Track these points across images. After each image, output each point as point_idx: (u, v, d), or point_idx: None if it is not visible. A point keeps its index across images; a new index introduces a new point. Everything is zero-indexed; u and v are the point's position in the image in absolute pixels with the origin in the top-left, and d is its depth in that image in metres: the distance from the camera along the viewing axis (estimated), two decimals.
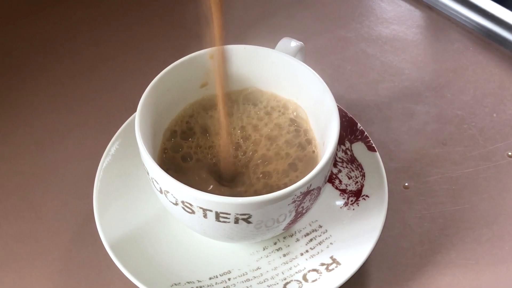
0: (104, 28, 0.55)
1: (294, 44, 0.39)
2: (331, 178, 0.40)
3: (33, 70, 0.51)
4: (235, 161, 0.37)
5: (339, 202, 0.40)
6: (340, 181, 0.40)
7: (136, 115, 0.34)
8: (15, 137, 0.46)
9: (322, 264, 0.36)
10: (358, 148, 0.41)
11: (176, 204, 0.32)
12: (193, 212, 0.32)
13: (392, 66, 0.52)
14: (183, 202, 0.32)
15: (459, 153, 0.45)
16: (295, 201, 0.32)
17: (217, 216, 0.32)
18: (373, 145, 0.41)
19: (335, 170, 0.41)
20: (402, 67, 0.52)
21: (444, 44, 0.54)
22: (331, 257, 0.37)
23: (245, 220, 0.32)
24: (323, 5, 0.58)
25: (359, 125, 0.42)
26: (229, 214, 0.31)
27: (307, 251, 0.37)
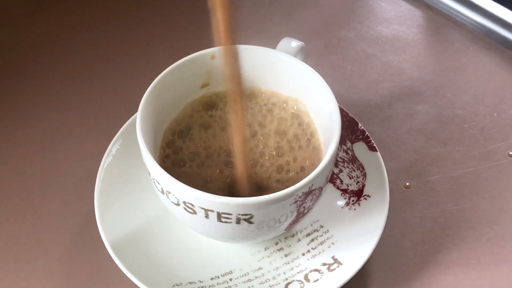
0: (104, 28, 0.55)
1: (295, 44, 0.39)
2: (332, 178, 0.40)
3: (33, 71, 0.51)
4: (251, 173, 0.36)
5: (340, 202, 0.40)
6: (341, 181, 0.40)
7: (137, 116, 0.34)
8: (16, 138, 0.46)
9: (324, 264, 0.36)
10: (359, 148, 0.41)
11: (177, 204, 0.32)
12: (194, 212, 0.32)
13: (393, 66, 0.52)
14: (184, 202, 0.32)
15: (460, 153, 0.45)
16: (297, 201, 0.32)
17: (219, 216, 0.32)
18: (374, 145, 0.41)
19: (336, 170, 0.41)
20: (402, 67, 0.52)
21: (445, 44, 0.54)
22: (333, 257, 0.37)
23: (246, 220, 0.32)
24: (323, 5, 0.58)
25: (360, 125, 0.42)
26: (231, 214, 0.31)
27: (308, 251, 0.37)
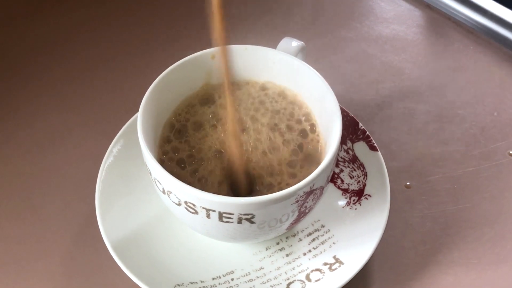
0: (104, 28, 0.55)
1: (295, 44, 0.39)
2: (333, 178, 0.40)
3: (33, 71, 0.51)
4: (244, 164, 0.36)
5: (341, 201, 0.40)
6: (342, 181, 0.40)
7: (138, 116, 0.34)
8: (16, 138, 0.46)
9: (325, 264, 0.36)
10: (360, 148, 0.41)
11: (179, 204, 0.32)
12: (196, 212, 0.32)
13: (393, 65, 0.52)
14: (186, 202, 0.32)
15: (460, 153, 0.45)
16: (298, 201, 0.32)
17: (220, 216, 0.32)
18: (375, 145, 0.41)
19: (337, 170, 0.41)
20: (402, 67, 0.52)
21: (444, 44, 0.54)
22: (334, 257, 0.37)
23: (248, 220, 0.32)
24: (323, 5, 0.58)
25: (360, 124, 0.42)
26: (232, 214, 0.31)
27: (310, 250, 0.37)
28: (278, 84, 0.39)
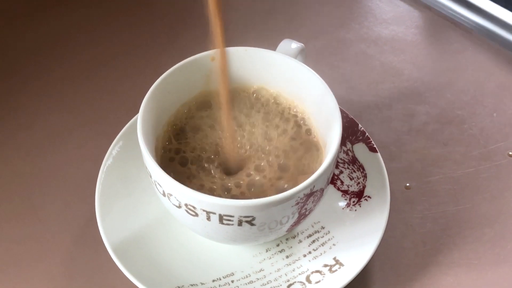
0: (104, 29, 0.55)
1: (295, 45, 0.39)
2: (333, 179, 0.40)
3: (33, 72, 0.51)
4: (239, 159, 0.36)
5: (341, 203, 0.40)
6: (342, 182, 0.40)
7: (138, 118, 0.34)
8: (16, 139, 0.46)
9: (325, 265, 0.36)
10: (360, 149, 0.41)
11: (179, 207, 0.32)
12: (196, 214, 0.32)
13: (392, 66, 0.52)
14: (186, 205, 0.32)
15: (460, 153, 0.45)
16: (299, 203, 0.32)
17: (221, 218, 0.32)
18: (375, 146, 0.41)
19: (336, 171, 0.41)
20: (401, 68, 0.52)
21: (444, 44, 0.55)
22: (334, 258, 0.37)
23: (248, 222, 0.32)
24: (322, 6, 0.58)
25: (360, 126, 0.42)
26: (233, 216, 0.31)
27: (310, 252, 0.37)
28: (278, 85, 0.39)
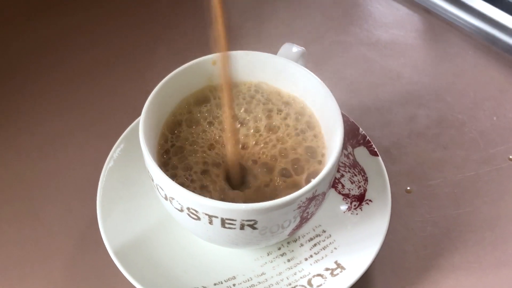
0: (105, 32, 0.55)
1: (296, 49, 0.39)
2: (334, 183, 0.40)
3: (33, 75, 0.51)
4: (243, 163, 0.36)
5: (342, 206, 0.40)
6: (343, 186, 0.41)
7: (140, 123, 0.34)
8: (16, 143, 0.46)
9: (327, 269, 0.36)
10: (360, 153, 0.41)
11: (181, 210, 0.32)
12: (198, 218, 0.32)
13: (392, 70, 0.52)
14: (188, 208, 0.32)
15: (461, 157, 0.45)
16: (301, 207, 0.32)
17: (223, 222, 0.32)
18: (375, 150, 0.41)
19: (337, 175, 0.41)
20: (402, 71, 0.52)
21: (443, 48, 0.55)
22: (336, 262, 0.37)
23: (250, 226, 0.32)
24: (322, 10, 0.58)
25: (361, 129, 0.42)
26: (235, 220, 0.31)
27: (311, 256, 0.38)
28: (278, 87, 0.39)
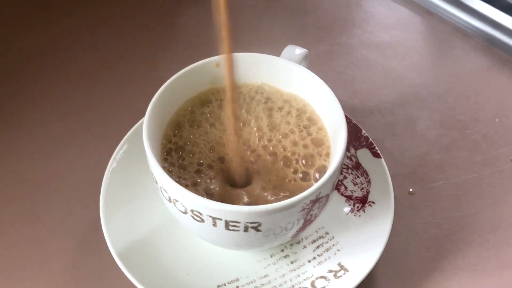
0: (107, 33, 0.55)
1: (299, 51, 0.39)
2: (337, 185, 0.40)
3: (34, 77, 0.51)
4: (247, 166, 0.36)
5: (345, 208, 0.40)
6: (346, 188, 0.41)
7: (144, 125, 0.34)
8: (19, 144, 0.46)
9: (330, 271, 0.36)
10: (363, 155, 0.41)
11: (185, 212, 0.32)
12: (202, 220, 0.32)
13: (394, 71, 0.52)
14: (192, 210, 0.32)
15: (463, 159, 0.45)
16: (304, 209, 0.32)
17: (227, 224, 0.32)
18: (378, 152, 0.41)
19: (340, 177, 0.41)
20: (404, 73, 0.52)
21: (445, 50, 0.55)
22: (339, 264, 0.37)
23: (254, 228, 0.32)
24: (324, 12, 0.58)
25: (363, 131, 0.42)
26: (239, 222, 0.31)
27: (314, 258, 0.38)
28: (281, 89, 0.39)
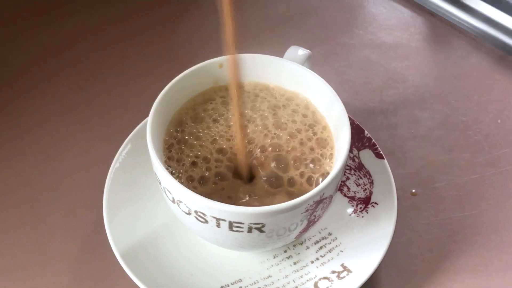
0: (110, 34, 0.55)
1: (302, 52, 0.40)
2: (340, 186, 0.40)
3: (37, 77, 0.51)
4: (251, 165, 0.36)
5: (348, 209, 0.40)
6: (349, 188, 0.41)
7: (147, 126, 0.34)
8: (21, 146, 0.46)
9: (333, 272, 0.36)
10: (366, 155, 0.42)
11: (189, 213, 0.33)
12: (206, 221, 0.32)
13: (396, 72, 0.52)
14: (196, 211, 0.32)
15: (465, 160, 0.46)
16: (308, 210, 0.32)
17: (231, 225, 0.32)
18: (381, 152, 0.41)
19: (343, 178, 0.41)
20: (406, 74, 0.52)
21: (447, 51, 0.55)
22: (342, 265, 0.37)
23: (258, 229, 0.32)
24: (326, 13, 0.58)
25: (366, 132, 0.42)
26: (243, 223, 0.31)
27: (317, 258, 0.38)
28: (288, 89, 0.39)
